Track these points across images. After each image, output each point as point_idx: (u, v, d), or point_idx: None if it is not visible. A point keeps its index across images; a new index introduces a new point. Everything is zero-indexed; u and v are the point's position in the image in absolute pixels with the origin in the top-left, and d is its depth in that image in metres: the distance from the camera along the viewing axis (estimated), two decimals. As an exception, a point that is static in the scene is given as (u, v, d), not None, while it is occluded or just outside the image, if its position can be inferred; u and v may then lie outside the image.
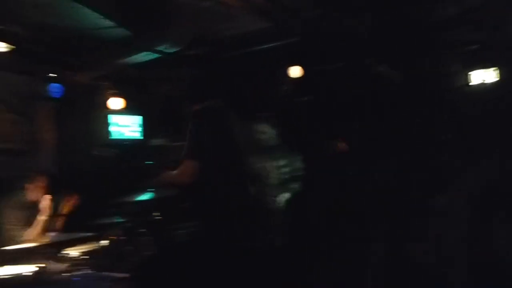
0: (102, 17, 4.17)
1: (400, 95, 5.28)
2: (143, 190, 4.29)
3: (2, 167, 4.51)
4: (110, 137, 5.59)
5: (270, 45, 5.00)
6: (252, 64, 5.30)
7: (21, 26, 4.16)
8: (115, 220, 4.19)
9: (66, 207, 4.36)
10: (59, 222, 4.40)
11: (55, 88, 4.92)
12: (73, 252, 3.94)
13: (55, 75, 4.79)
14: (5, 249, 3.61)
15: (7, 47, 3.91)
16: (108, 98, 5.55)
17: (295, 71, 5.20)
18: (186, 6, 4.07)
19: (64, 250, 3.87)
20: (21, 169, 4.85)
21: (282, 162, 4.16)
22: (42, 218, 4.11)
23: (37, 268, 3.42)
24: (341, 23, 4.60)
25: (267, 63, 5.21)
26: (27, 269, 3.50)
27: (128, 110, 5.77)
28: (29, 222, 4.11)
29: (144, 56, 5.02)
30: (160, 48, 4.75)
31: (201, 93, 3.29)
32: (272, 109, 4.20)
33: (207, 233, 3.18)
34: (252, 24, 4.61)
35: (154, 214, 4.24)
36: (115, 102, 5.59)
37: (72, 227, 4.32)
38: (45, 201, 4.13)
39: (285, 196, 4.03)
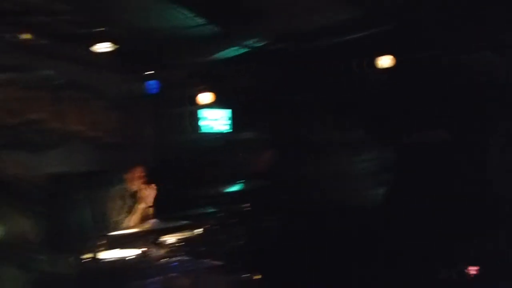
0: (193, 15, 4.32)
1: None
2: (234, 181, 4.42)
3: (106, 160, 4.87)
4: (200, 131, 5.80)
5: (361, 34, 4.84)
6: (341, 56, 5.18)
7: (122, 28, 4.45)
8: (209, 210, 4.34)
9: (161, 196, 4.60)
10: (157, 211, 4.68)
11: (152, 85, 5.19)
12: (171, 239, 4.16)
13: (152, 73, 5.06)
14: (111, 235, 3.87)
15: (109, 47, 4.20)
16: (198, 93, 5.76)
17: (387, 61, 4.97)
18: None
19: (163, 237, 4.10)
20: (123, 161, 5.23)
21: (371, 156, 4.04)
22: (141, 206, 4.37)
23: (139, 253, 3.67)
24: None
25: (358, 54, 5.05)
26: (131, 253, 3.77)
27: (217, 104, 5.94)
28: (130, 210, 4.40)
29: (232, 51, 5.14)
30: (248, 42, 4.83)
31: (290, 87, 3.30)
32: (363, 100, 4.06)
33: (295, 224, 3.19)
34: (342, 13, 4.50)
35: (245, 204, 4.35)
36: (205, 97, 5.79)
37: (169, 215, 4.55)
38: (144, 190, 4.37)
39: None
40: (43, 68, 4.39)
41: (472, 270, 3.67)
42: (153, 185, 4.56)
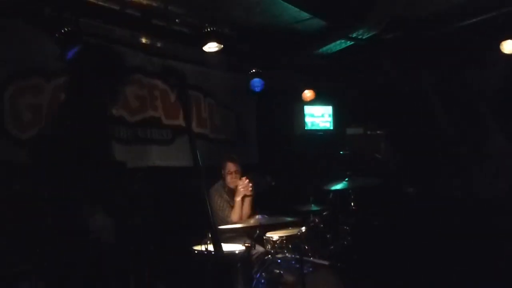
0: (299, 10, 4.27)
1: None
2: (339, 179, 4.28)
3: (215, 155, 5.04)
4: (305, 128, 5.74)
5: (486, 16, 4.38)
6: (464, 42, 4.74)
7: (229, 26, 4.57)
8: (314, 208, 4.27)
9: (267, 192, 4.62)
10: (263, 206, 4.72)
11: (257, 83, 5.25)
12: (275, 235, 4.17)
13: (257, 70, 5.11)
14: (216, 228, 3.96)
15: (217, 47, 4.32)
16: (302, 90, 5.71)
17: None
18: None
19: (268, 233, 4.12)
20: (228, 157, 5.38)
21: None
22: (238, 199, 4.42)
23: (243, 248, 3.71)
24: None
25: (476, 40, 4.58)
26: (235, 247, 3.83)
27: (320, 100, 5.83)
28: (232, 204, 4.49)
29: (338, 45, 4.99)
30: (355, 35, 4.65)
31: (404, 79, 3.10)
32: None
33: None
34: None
35: (351, 203, 4.20)
36: (309, 93, 5.71)
37: (275, 211, 4.56)
38: (242, 184, 4.41)
39: None
40: (158, 68, 4.68)
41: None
42: (253, 180, 4.60)
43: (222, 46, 4.24)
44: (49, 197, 3.16)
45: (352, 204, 4.24)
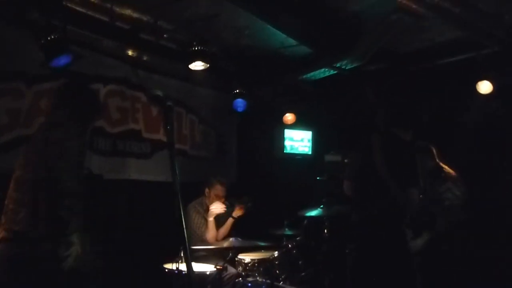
0: (287, 36, 4.36)
1: None
2: (314, 205, 4.31)
3: (193, 172, 5.02)
4: (284, 151, 5.78)
5: (466, 55, 4.57)
6: (444, 78, 4.91)
7: (217, 46, 4.62)
8: (288, 233, 4.28)
9: (240, 213, 4.62)
10: (237, 228, 4.71)
11: (239, 103, 5.29)
12: (247, 258, 4.16)
13: (241, 91, 5.15)
14: (188, 248, 3.93)
15: (203, 66, 4.35)
16: (284, 113, 5.77)
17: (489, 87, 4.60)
18: (372, 22, 3.98)
19: (239, 256, 4.10)
20: (207, 174, 5.37)
21: None
22: (210, 219, 4.41)
23: (215, 269, 3.68)
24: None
25: (462, 76, 4.75)
26: (206, 268, 3.80)
27: (300, 125, 5.90)
28: (206, 224, 4.47)
29: (322, 73, 5.09)
30: (339, 64, 4.76)
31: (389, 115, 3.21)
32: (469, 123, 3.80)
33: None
34: (445, 34, 4.29)
35: (324, 230, 4.23)
36: (290, 117, 5.78)
37: (248, 234, 4.55)
38: (217, 205, 4.41)
39: None
40: (143, 82, 4.67)
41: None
42: (231, 201, 4.62)
43: (208, 65, 4.26)
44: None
45: (326, 231, 4.27)
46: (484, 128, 4.64)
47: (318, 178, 5.32)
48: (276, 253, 3.94)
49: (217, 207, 4.40)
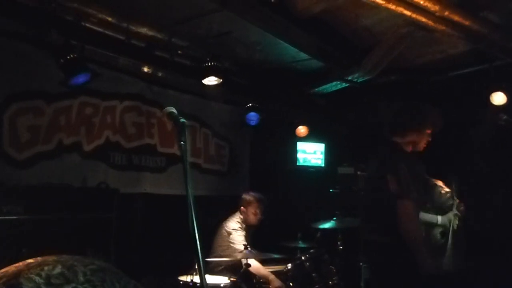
0: (299, 51, 4.43)
1: None
2: (328, 218, 4.34)
3: (207, 185, 5.08)
4: (297, 164, 5.82)
5: (478, 68, 4.57)
6: (456, 90, 4.91)
7: (230, 62, 4.71)
8: (301, 245, 4.30)
9: (253, 226, 4.65)
10: (250, 241, 4.74)
11: (252, 117, 5.35)
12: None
13: (254, 104, 5.23)
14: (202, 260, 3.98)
15: (216, 81, 4.43)
16: (296, 126, 5.81)
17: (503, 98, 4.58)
18: (384, 35, 4.02)
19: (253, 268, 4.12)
20: (221, 188, 5.43)
21: None
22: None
23: (229, 281, 3.72)
24: None
25: (474, 89, 4.75)
26: (220, 280, 3.84)
27: (313, 137, 5.93)
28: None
29: (334, 86, 5.14)
30: (350, 77, 4.81)
31: (402, 124, 3.20)
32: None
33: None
34: (457, 47, 4.31)
35: (338, 242, 4.24)
36: (303, 130, 5.82)
37: (262, 247, 4.58)
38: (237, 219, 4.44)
39: None
40: (158, 98, 4.77)
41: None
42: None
43: (221, 80, 4.35)
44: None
45: (339, 243, 4.28)
46: (497, 140, 4.62)
47: (331, 190, 5.33)
48: (289, 265, 3.96)
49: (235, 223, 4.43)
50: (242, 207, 4.57)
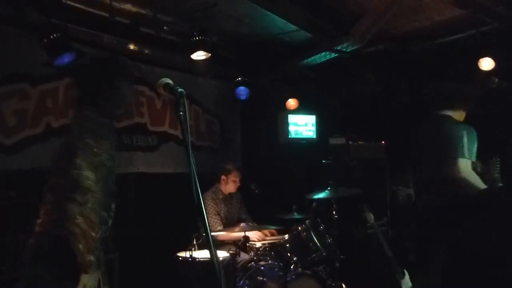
0: (287, 22, 4.36)
1: None
2: (322, 188, 4.36)
3: (199, 162, 5.05)
4: (289, 136, 5.81)
5: (466, 34, 4.56)
6: (443, 57, 4.90)
7: (217, 36, 4.63)
8: (297, 216, 4.34)
9: (251, 200, 4.69)
10: (247, 214, 4.79)
11: (242, 91, 5.32)
12: (259, 242, 4.23)
13: (243, 79, 5.18)
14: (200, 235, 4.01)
15: (205, 55, 4.37)
16: (286, 99, 5.78)
17: (491, 64, 4.59)
18: (370, 2, 3.97)
19: (251, 241, 4.16)
20: (213, 165, 5.42)
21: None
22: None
23: (229, 255, 3.75)
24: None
25: (462, 55, 4.74)
26: (220, 254, 3.87)
27: (304, 109, 5.92)
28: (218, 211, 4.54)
29: (323, 57, 5.10)
30: (339, 47, 4.76)
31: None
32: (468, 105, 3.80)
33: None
34: (444, 14, 4.28)
35: (333, 212, 4.29)
36: (293, 102, 5.79)
37: (258, 220, 4.62)
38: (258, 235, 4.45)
39: None
40: (146, 75, 4.69)
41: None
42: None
43: (209, 54, 4.29)
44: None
45: (334, 213, 4.32)
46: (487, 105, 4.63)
47: (323, 161, 5.36)
48: (286, 237, 4.00)
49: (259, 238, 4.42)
50: (222, 176, 4.62)
